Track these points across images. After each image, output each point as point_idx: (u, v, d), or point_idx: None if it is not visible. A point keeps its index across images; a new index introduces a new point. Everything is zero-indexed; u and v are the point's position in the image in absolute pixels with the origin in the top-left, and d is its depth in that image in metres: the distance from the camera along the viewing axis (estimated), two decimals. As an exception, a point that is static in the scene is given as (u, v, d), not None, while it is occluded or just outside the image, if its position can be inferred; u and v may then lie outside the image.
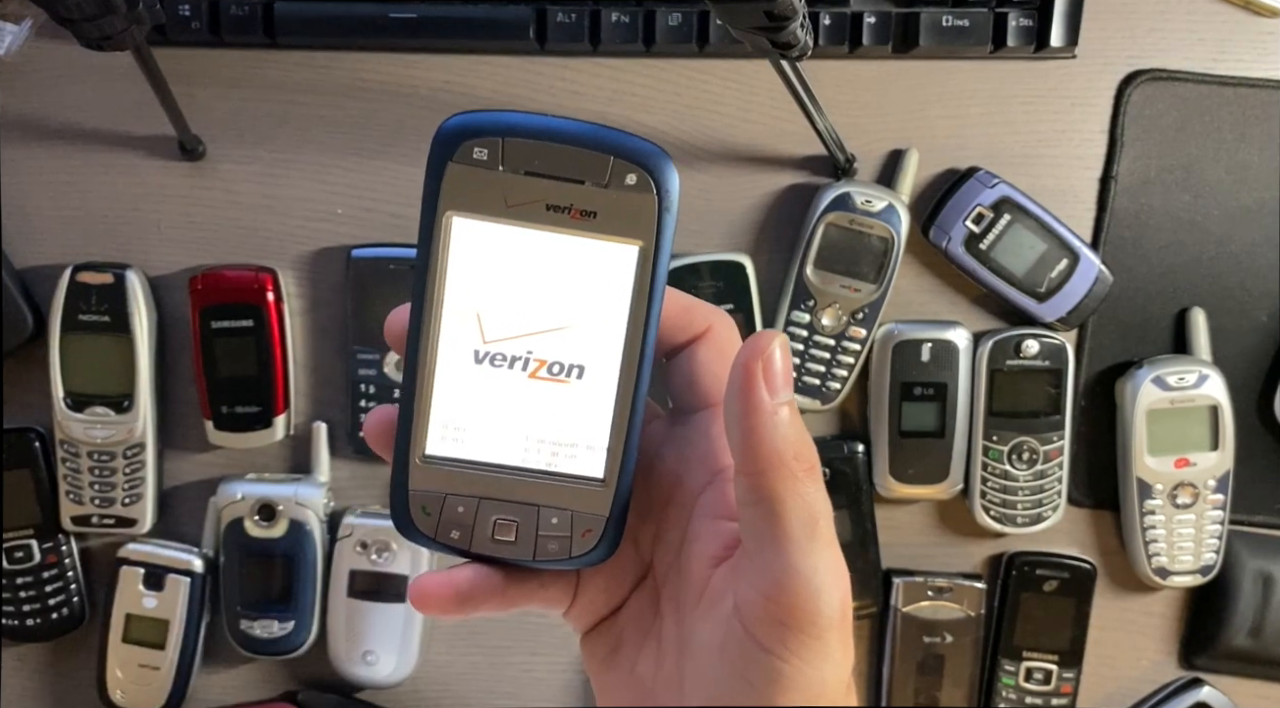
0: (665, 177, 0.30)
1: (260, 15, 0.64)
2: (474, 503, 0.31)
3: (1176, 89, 0.65)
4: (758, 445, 0.28)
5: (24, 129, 0.66)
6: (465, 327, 0.30)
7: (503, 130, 0.29)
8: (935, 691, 0.68)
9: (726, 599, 0.29)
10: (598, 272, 0.30)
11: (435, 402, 0.30)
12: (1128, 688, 0.70)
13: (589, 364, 0.30)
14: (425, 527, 0.31)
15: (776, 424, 0.28)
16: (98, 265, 0.65)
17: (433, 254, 0.30)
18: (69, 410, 0.65)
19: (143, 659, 0.67)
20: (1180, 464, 0.65)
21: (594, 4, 0.63)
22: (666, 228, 0.30)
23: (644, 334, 0.30)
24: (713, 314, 0.32)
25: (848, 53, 0.64)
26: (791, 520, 0.28)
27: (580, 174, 0.29)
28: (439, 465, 0.31)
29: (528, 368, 0.30)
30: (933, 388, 0.65)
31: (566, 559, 0.31)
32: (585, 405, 0.31)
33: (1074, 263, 0.64)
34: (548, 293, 0.30)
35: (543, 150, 0.29)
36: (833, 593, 0.28)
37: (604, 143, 0.29)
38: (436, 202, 0.29)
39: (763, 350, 0.28)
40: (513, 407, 0.31)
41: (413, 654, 0.67)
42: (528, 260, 0.30)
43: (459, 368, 0.30)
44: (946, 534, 0.69)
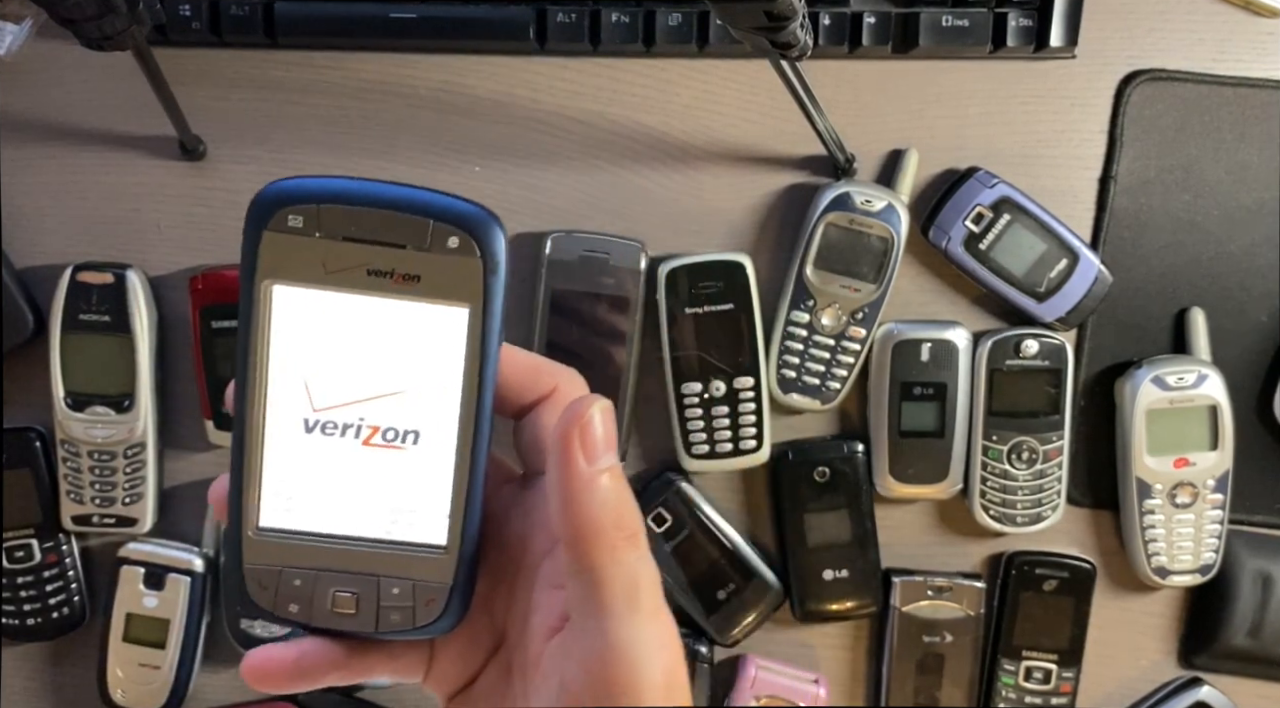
0: (489, 238, 0.29)
1: (260, 15, 0.64)
2: (312, 575, 0.30)
3: (1176, 89, 0.66)
4: (575, 515, 0.27)
5: (24, 129, 0.66)
6: (293, 396, 0.30)
7: (318, 196, 0.29)
8: (935, 690, 0.68)
9: (555, 675, 0.29)
10: (427, 335, 0.29)
11: (266, 473, 0.30)
12: (1127, 688, 0.70)
13: (424, 429, 0.30)
14: (262, 601, 0.30)
15: (594, 492, 0.27)
16: (98, 265, 0.65)
17: (254, 324, 0.29)
18: (69, 410, 0.65)
19: (143, 659, 0.67)
20: (1179, 464, 0.65)
21: (594, 4, 0.63)
22: (494, 289, 0.29)
23: (478, 397, 0.30)
24: (560, 374, 0.32)
25: (848, 53, 0.64)
26: (611, 591, 0.27)
27: (400, 238, 0.29)
28: (274, 538, 0.30)
29: (360, 435, 0.30)
30: (932, 388, 0.65)
31: (411, 629, 0.30)
32: (423, 471, 0.30)
33: (1073, 263, 0.64)
34: (377, 358, 0.30)
35: (360, 216, 0.28)
36: (653, 665, 0.27)
37: (423, 206, 0.29)
38: (254, 271, 0.29)
39: (580, 417, 0.27)
40: (347, 475, 0.30)
41: (413, 654, 0.67)
42: (353, 326, 0.29)
43: (289, 438, 0.30)
44: (946, 534, 0.69)
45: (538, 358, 0.32)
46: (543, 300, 0.65)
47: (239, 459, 0.30)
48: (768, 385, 0.66)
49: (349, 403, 0.30)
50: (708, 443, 0.66)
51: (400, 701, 0.70)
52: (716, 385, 0.65)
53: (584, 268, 0.64)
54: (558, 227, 0.66)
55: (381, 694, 0.69)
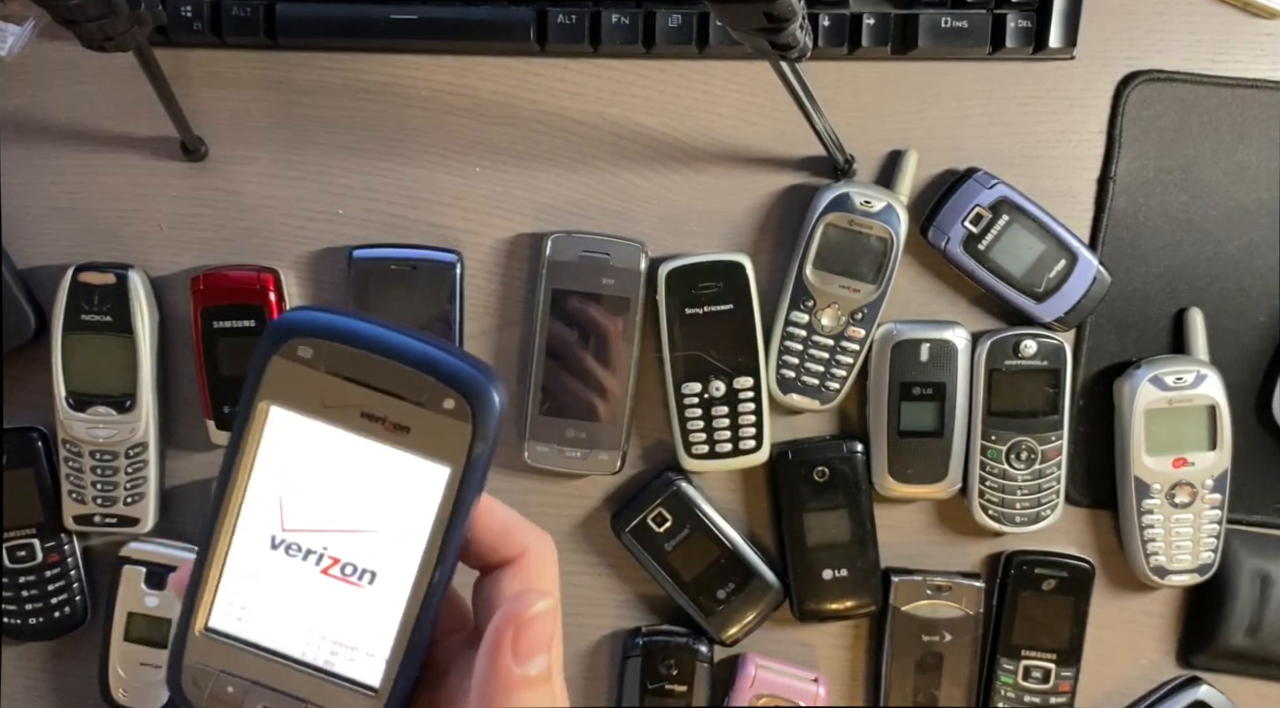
0: (484, 408, 0.29)
1: (262, 16, 0.64)
2: (245, 686, 0.31)
3: (1175, 90, 0.66)
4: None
5: (26, 129, 0.67)
6: (266, 510, 0.30)
7: (331, 334, 0.29)
8: (934, 689, 0.68)
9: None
10: (405, 484, 0.30)
11: (225, 578, 0.31)
12: (1126, 687, 0.70)
13: (382, 572, 0.30)
14: (194, 698, 0.31)
15: (510, 697, 0.27)
16: (100, 266, 0.65)
17: (246, 434, 0.30)
18: (71, 410, 0.65)
19: (145, 658, 0.67)
20: (1178, 464, 0.65)
21: (594, 5, 0.63)
22: (479, 456, 0.29)
23: (440, 553, 0.30)
24: (531, 538, 0.31)
25: (847, 54, 0.64)
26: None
27: (398, 389, 0.29)
28: (218, 640, 0.31)
29: (321, 563, 0.30)
30: (931, 388, 0.65)
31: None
32: (372, 612, 0.30)
33: (1072, 263, 0.65)
34: (352, 495, 0.30)
35: (365, 360, 0.29)
36: None
37: (427, 363, 0.29)
38: (257, 389, 0.30)
39: (518, 615, 0.27)
40: (301, 598, 0.30)
41: (413, 653, 0.67)
42: (337, 460, 0.30)
43: (254, 549, 0.30)
44: (945, 534, 0.69)
45: (512, 518, 0.31)
46: (543, 301, 0.65)
47: (202, 559, 0.30)
48: (767, 385, 0.66)
49: (317, 530, 0.30)
50: (707, 443, 0.66)
51: (401, 700, 0.70)
52: (716, 385, 0.65)
53: (584, 268, 0.65)
54: (558, 227, 0.66)
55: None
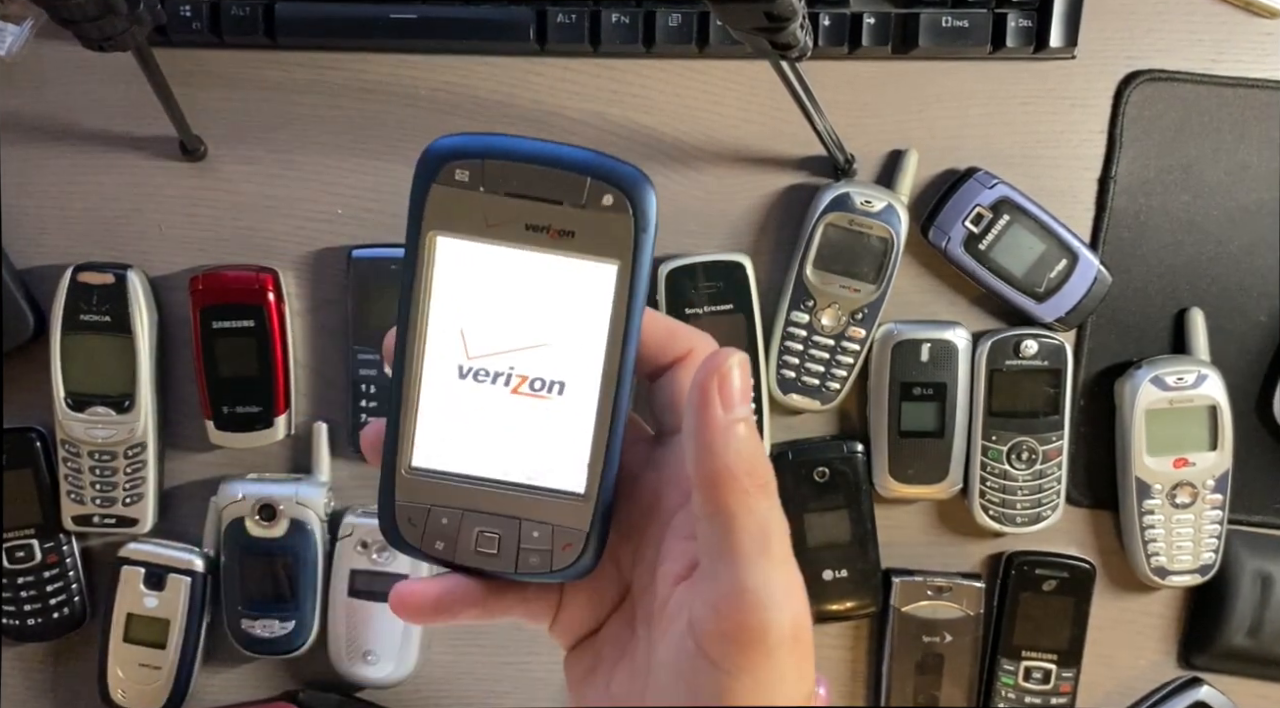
0: (642, 197, 0.30)
1: (261, 16, 0.64)
2: (458, 515, 0.31)
3: (1176, 89, 0.66)
4: (711, 461, 0.28)
5: (25, 129, 0.66)
6: (450, 343, 0.31)
7: (484, 153, 0.30)
8: (934, 690, 0.68)
9: (683, 616, 0.29)
10: (577, 290, 0.30)
11: (421, 416, 0.31)
12: (1127, 688, 0.70)
13: (569, 381, 0.31)
14: (411, 537, 0.32)
15: (729, 440, 0.28)
16: (99, 266, 0.65)
17: (418, 273, 0.30)
18: (70, 410, 0.65)
19: (143, 659, 0.67)
20: (1179, 464, 0.65)
21: (594, 4, 0.63)
22: (644, 248, 0.30)
23: (622, 352, 0.31)
24: (695, 338, 0.33)
25: (847, 53, 0.64)
26: (742, 536, 0.28)
27: (558, 195, 0.30)
28: (425, 478, 0.31)
29: (510, 383, 0.31)
30: (932, 388, 0.65)
31: (547, 572, 0.31)
32: (566, 421, 0.31)
33: (1073, 263, 0.65)
34: (529, 311, 0.31)
35: (522, 172, 0.30)
36: (783, 610, 0.28)
37: (581, 165, 0.30)
38: (421, 222, 0.30)
39: (718, 367, 0.28)
40: (496, 421, 0.31)
41: (413, 654, 0.67)
42: (509, 279, 0.30)
43: (444, 383, 0.31)
44: (946, 534, 0.69)
45: (674, 322, 0.33)
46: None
47: (397, 401, 0.31)
48: (767, 386, 0.66)
49: (501, 352, 0.31)
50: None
51: (401, 701, 0.70)
52: (716, 386, 0.65)
53: (584, 268, 0.64)
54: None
55: (381, 695, 0.69)
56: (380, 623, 0.67)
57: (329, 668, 0.68)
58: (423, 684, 0.70)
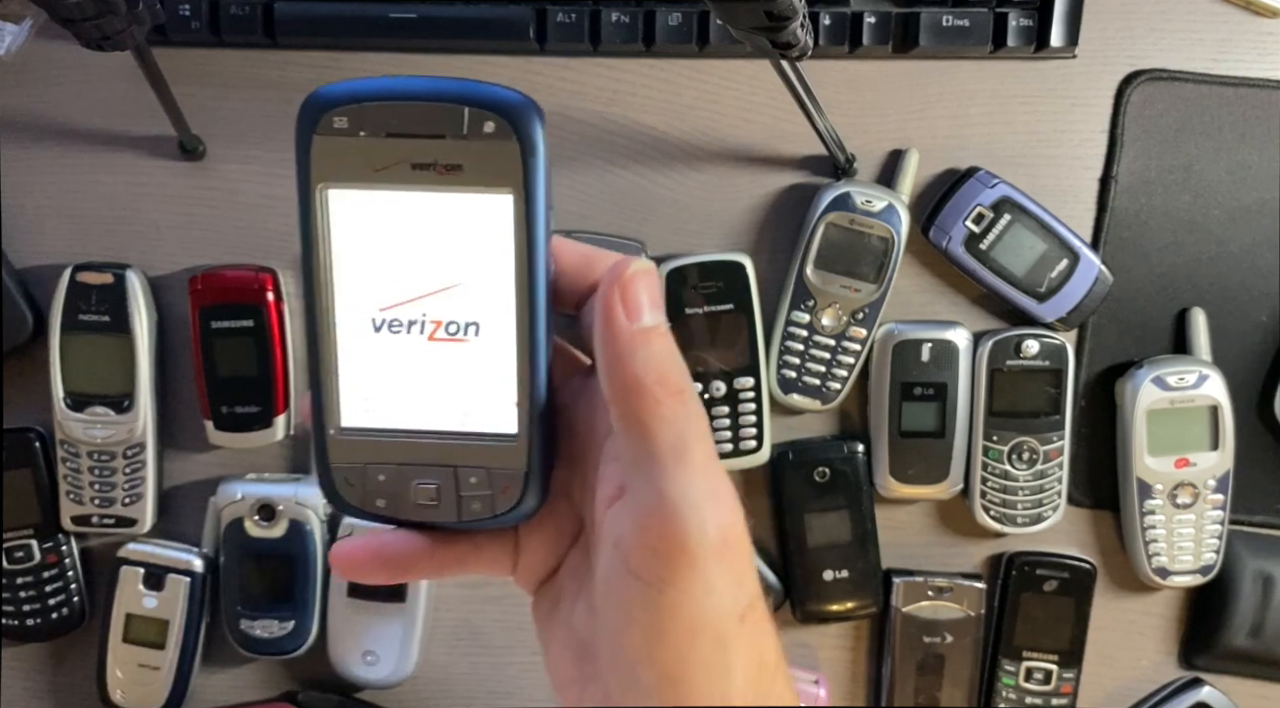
0: (525, 121, 0.29)
1: (260, 15, 0.64)
2: (394, 470, 0.31)
3: (1176, 89, 0.65)
4: (620, 372, 0.27)
5: (24, 129, 0.66)
6: (358, 297, 0.30)
7: (359, 96, 0.29)
8: (935, 691, 0.68)
9: (610, 536, 0.29)
10: (476, 226, 0.30)
11: (342, 375, 0.31)
12: (1128, 688, 0.70)
13: (484, 320, 0.30)
14: (351, 497, 0.31)
15: (635, 349, 0.27)
16: (98, 265, 0.65)
17: (314, 229, 0.30)
18: (69, 410, 0.65)
19: (143, 659, 0.67)
20: (1180, 464, 0.65)
21: (594, 4, 0.63)
22: (535, 172, 0.29)
23: (530, 284, 0.30)
24: (613, 258, 0.32)
25: (848, 53, 0.64)
26: (658, 446, 0.27)
27: (439, 128, 0.29)
28: (355, 436, 0.31)
29: (425, 330, 0.30)
30: (933, 388, 0.65)
31: (491, 518, 0.31)
32: (488, 362, 0.30)
33: (1074, 263, 0.64)
34: (432, 253, 0.30)
35: (399, 110, 0.29)
36: (705, 518, 0.27)
37: (457, 94, 0.29)
38: (309, 176, 0.30)
39: (619, 276, 0.28)
40: (417, 371, 0.31)
41: (413, 654, 0.67)
42: (405, 223, 0.30)
43: (359, 338, 0.31)
44: (946, 534, 0.69)
45: (589, 247, 0.32)
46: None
47: (315, 363, 0.31)
48: (768, 385, 0.66)
49: (411, 300, 0.30)
50: (708, 443, 0.65)
51: (401, 701, 0.70)
52: (716, 385, 0.65)
53: (584, 268, 0.64)
54: (557, 226, 0.66)
55: (381, 695, 0.69)
56: (380, 624, 0.67)
57: (328, 669, 0.68)
58: (422, 685, 0.70)
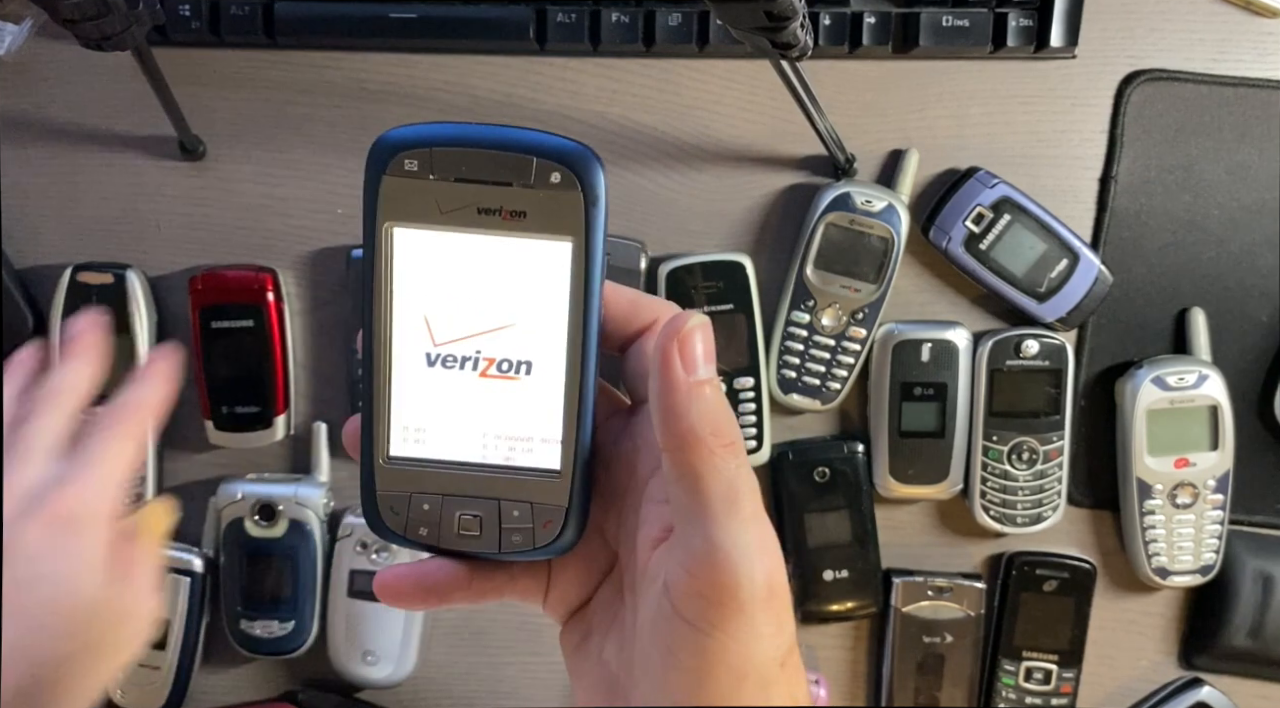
0: (589, 173, 0.30)
1: (260, 15, 0.64)
2: (438, 500, 0.32)
3: (1176, 89, 0.65)
4: (675, 423, 0.29)
5: (24, 129, 0.66)
6: (415, 331, 0.31)
7: (431, 141, 0.30)
8: (935, 690, 0.68)
9: (659, 578, 0.30)
10: (534, 270, 0.31)
11: (394, 406, 0.32)
12: (1127, 688, 0.70)
13: (536, 360, 0.32)
14: (395, 526, 0.32)
15: (692, 401, 0.29)
16: (98, 266, 0.65)
17: (377, 265, 0.31)
18: (69, 410, 0.65)
19: (143, 659, 0.66)
20: (1180, 464, 0.65)
21: (594, 4, 0.63)
22: (595, 222, 0.31)
23: (584, 327, 0.31)
24: (660, 307, 0.33)
25: (848, 53, 0.64)
26: (710, 496, 0.28)
27: (506, 176, 0.30)
28: (403, 466, 0.32)
29: (478, 367, 0.32)
30: (933, 388, 0.65)
31: (531, 550, 0.32)
32: (536, 400, 0.32)
33: (1074, 263, 0.64)
34: (489, 293, 0.31)
35: (469, 157, 0.30)
36: (754, 567, 0.28)
37: (526, 145, 0.30)
38: (376, 214, 0.31)
39: (678, 330, 0.29)
40: (467, 405, 0.32)
41: (413, 654, 0.67)
42: (467, 263, 0.31)
43: (413, 371, 0.32)
44: (946, 534, 0.69)
45: (637, 293, 0.33)
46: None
47: (369, 393, 0.32)
48: (768, 385, 0.66)
49: (466, 337, 0.32)
50: (708, 443, 0.65)
51: (401, 701, 0.70)
52: (716, 386, 0.65)
53: (584, 268, 0.64)
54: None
55: (381, 695, 0.69)
56: (380, 623, 0.67)
57: (328, 669, 0.68)
58: (423, 685, 0.70)
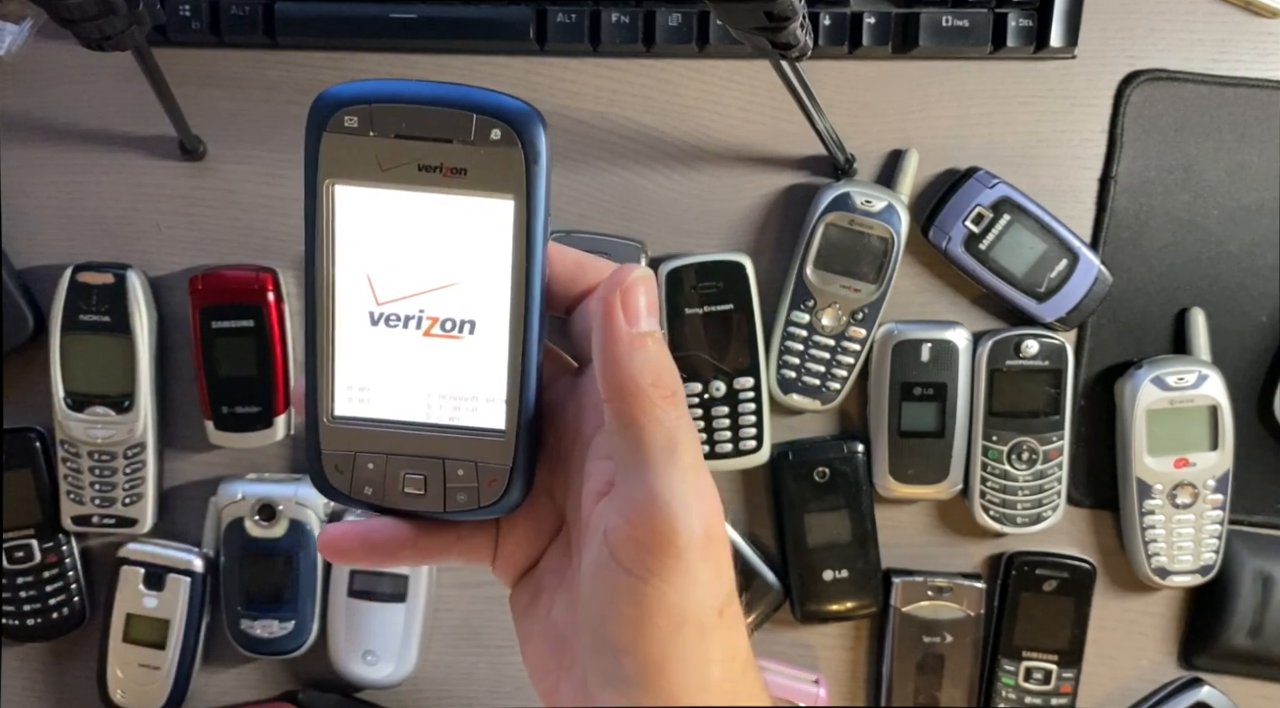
0: (529, 130, 0.30)
1: (260, 15, 0.64)
2: (383, 459, 0.32)
3: (1176, 89, 0.65)
4: (617, 373, 0.29)
5: (24, 129, 0.66)
6: (358, 290, 0.31)
7: (371, 97, 0.30)
8: (935, 690, 0.68)
9: (599, 528, 0.30)
10: (477, 228, 0.31)
11: (337, 365, 0.32)
12: (1127, 688, 0.70)
13: (480, 319, 0.31)
14: (339, 484, 0.32)
15: (634, 352, 0.29)
16: (98, 265, 0.65)
17: (318, 223, 0.31)
18: (69, 410, 0.65)
19: (143, 659, 0.67)
20: (1180, 464, 0.65)
21: (594, 4, 0.63)
22: (537, 180, 0.30)
23: (527, 287, 0.31)
24: (605, 268, 0.33)
25: (848, 53, 0.64)
26: (649, 444, 0.29)
27: (447, 133, 0.30)
28: (347, 425, 0.32)
29: (421, 326, 0.32)
30: (932, 388, 0.65)
31: (476, 510, 0.32)
32: (480, 359, 0.32)
33: (1073, 263, 0.64)
34: (432, 252, 0.31)
35: (410, 113, 0.30)
36: (691, 515, 0.28)
37: (466, 101, 0.30)
38: (316, 171, 0.31)
39: (621, 282, 0.29)
40: (411, 365, 0.32)
41: (413, 654, 0.67)
42: (409, 221, 0.31)
43: (356, 330, 0.32)
44: (946, 534, 0.69)
45: (582, 254, 0.33)
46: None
47: (312, 352, 0.32)
48: (768, 385, 0.66)
49: (409, 296, 0.31)
50: (708, 443, 0.66)
51: (401, 701, 0.70)
52: (716, 385, 0.65)
53: (584, 268, 0.64)
54: (557, 227, 0.66)
55: (381, 695, 0.69)
56: (380, 623, 0.67)
57: (328, 669, 0.68)
58: (423, 685, 0.70)
